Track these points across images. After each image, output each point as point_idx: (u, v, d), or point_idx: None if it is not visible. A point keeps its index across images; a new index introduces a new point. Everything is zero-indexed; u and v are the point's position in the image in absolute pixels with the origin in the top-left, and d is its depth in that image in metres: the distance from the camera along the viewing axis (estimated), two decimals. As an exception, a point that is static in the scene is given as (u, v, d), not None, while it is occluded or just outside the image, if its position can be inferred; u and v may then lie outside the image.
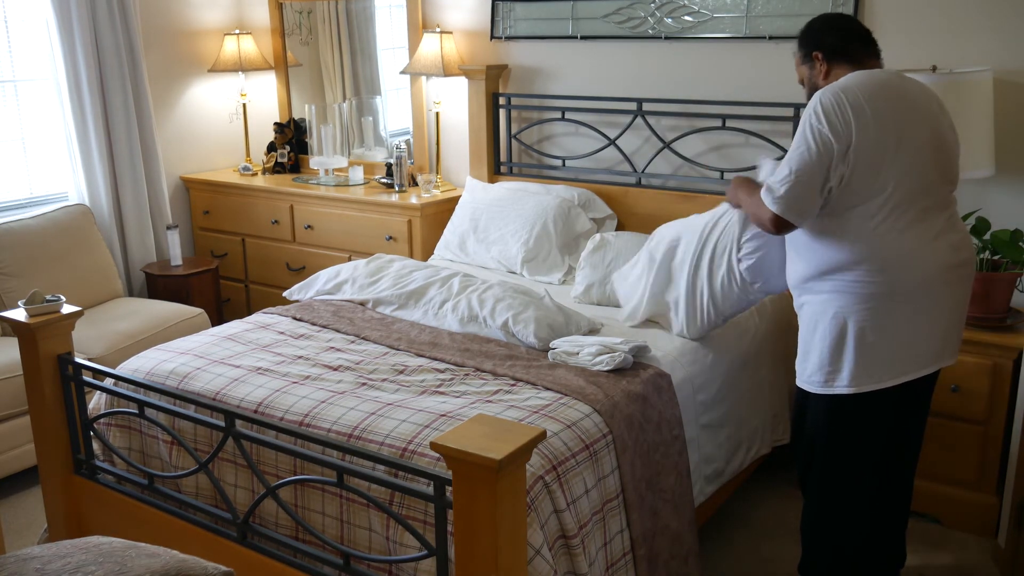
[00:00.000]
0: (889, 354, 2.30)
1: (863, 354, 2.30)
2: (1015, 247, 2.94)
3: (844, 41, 2.41)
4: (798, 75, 2.56)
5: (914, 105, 2.30)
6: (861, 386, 2.32)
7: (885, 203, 2.25)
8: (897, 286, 2.25)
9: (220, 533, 2.42)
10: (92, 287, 4.08)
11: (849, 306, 2.29)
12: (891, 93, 2.28)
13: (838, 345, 2.32)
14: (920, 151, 2.27)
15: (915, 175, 2.26)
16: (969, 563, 2.91)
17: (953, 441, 3.04)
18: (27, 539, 3.10)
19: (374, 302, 3.27)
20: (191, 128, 4.94)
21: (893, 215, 2.25)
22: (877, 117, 2.23)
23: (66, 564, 1.69)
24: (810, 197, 2.26)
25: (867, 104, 2.23)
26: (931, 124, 2.31)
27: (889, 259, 2.25)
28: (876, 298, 2.26)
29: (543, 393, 2.49)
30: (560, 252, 3.71)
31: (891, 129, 2.24)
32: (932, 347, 2.34)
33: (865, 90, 2.25)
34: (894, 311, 2.27)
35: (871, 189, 2.24)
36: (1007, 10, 3.09)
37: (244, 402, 2.52)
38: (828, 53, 2.42)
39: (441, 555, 1.97)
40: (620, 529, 2.37)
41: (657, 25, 3.77)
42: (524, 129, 4.22)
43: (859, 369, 2.31)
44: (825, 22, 2.48)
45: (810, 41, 2.47)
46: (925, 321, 2.31)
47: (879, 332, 2.28)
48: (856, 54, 2.40)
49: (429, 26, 4.38)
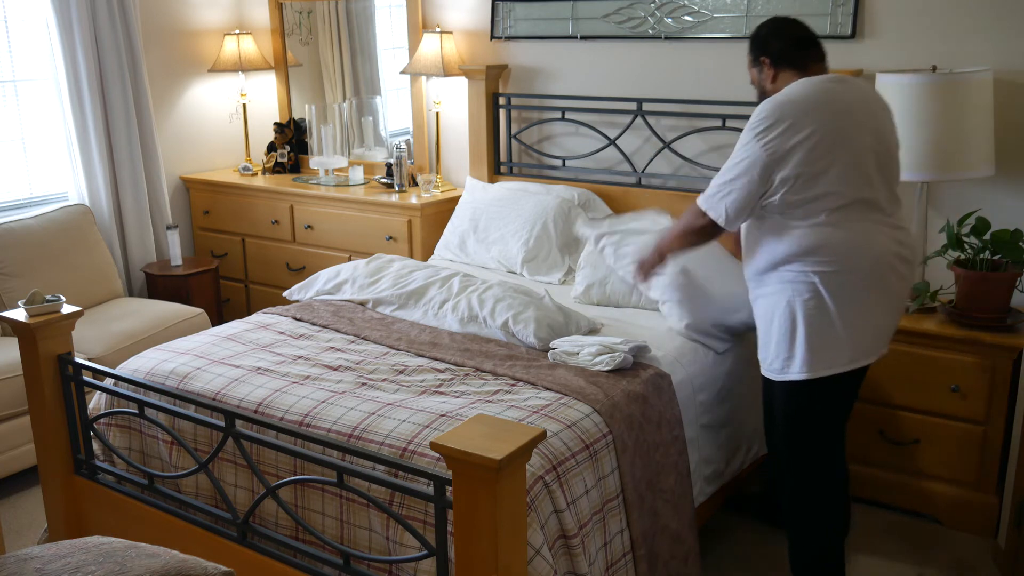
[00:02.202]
0: (840, 341, 2.40)
1: (815, 341, 2.41)
2: (1015, 247, 2.94)
3: (790, 47, 2.52)
4: (750, 77, 2.66)
5: (853, 110, 2.41)
6: (815, 372, 2.43)
7: (829, 203, 2.36)
8: (845, 275, 2.37)
9: (220, 533, 2.42)
10: (92, 287, 4.08)
11: (800, 295, 2.40)
12: (831, 100, 2.39)
13: (791, 333, 2.43)
14: (861, 154, 2.38)
15: (856, 177, 2.37)
16: (969, 563, 2.91)
17: (953, 441, 3.04)
18: (27, 539, 3.10)
19: (374, 302, 3.27)
20: (191, 128, 4.94)
21: (837, 213, 2.36)
22: (816, 126, 2.33)
23: (66, 564, 1.69)
24: (747, 204, 2.42)
25: (806, 115, 2.34)
26: (872, 127, 2.43)
27: (837, 249, 2.36)
28: (829, 287, 2.37)
29: (543, 393, 2.49)
30: (560, 252, 3.71)
31: (830, 136, 2.34)
32: (881, 335, 2.48)
33: (805, 101, 2.37)
34: (846, 298, 2.38)
35: (813, 192, 2.35)
36: (1007, 10, 3.09)
37: (244, 402, 2.52)
38: (775, 59, 2.53)
39: (441, 555, 1.98)
40: (620, 529, 2.37)
41: (657, 25, 3.77)
42: (524, 129, 4.22)
43: (812, 355, 2.42)
44: (772, 28, 2.58)
45: (758, 46, 2.57)
46: (875, 309, 2.42)
47: (829, 319, 2.39)
48: (801, 60, 2.50)
49: (429, 26, 4.38)
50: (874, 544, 3.02)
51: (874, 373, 3.12)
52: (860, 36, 3.35)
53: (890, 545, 3.01)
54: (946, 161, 3.00)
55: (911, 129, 3.00)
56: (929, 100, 2.98)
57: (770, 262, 2.45)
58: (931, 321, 3.08)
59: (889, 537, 3.06)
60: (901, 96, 3.02)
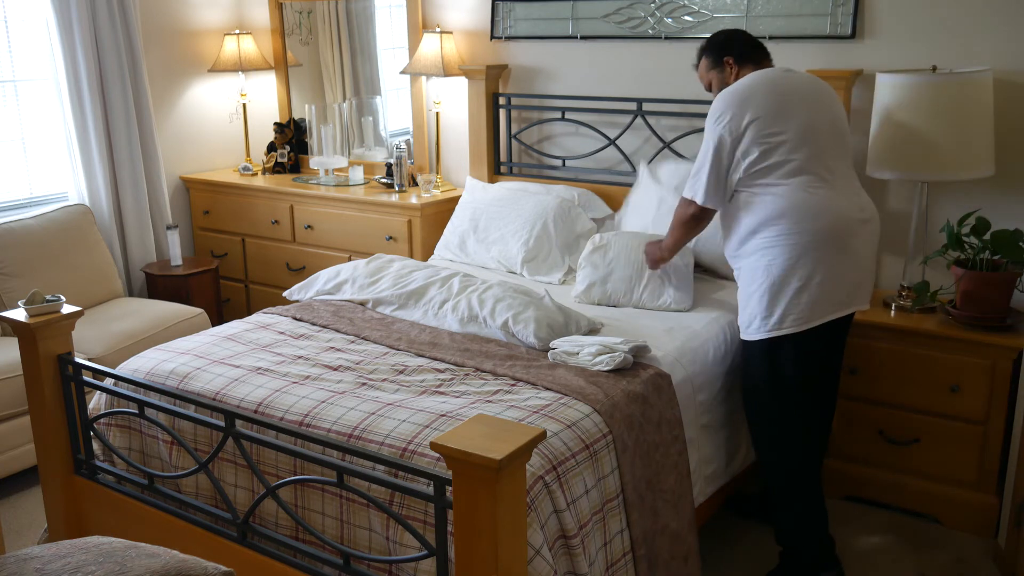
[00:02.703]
0: (814, 296, 2.61)
1: (793, 297, 2.62)
2: (1015, 247, 2.94)
3: (747, 48, 2.90)
4: (704, 80, 3.00)
5: (798, 91, 2.73)
6: (795, 326, 2.63)
7: (787, 171, 2.63)
8: (815, 235, 2.59)
9: (220, 533, 2.42)
10: (92, 287, 4.08)
11: (777, 256, 2.62)
12: (775, 83, 2.72)
13: (772, 292, 2.64)
14: (809, 128, 2.65)
15: (807, 146, 2.64)
16: (969, 563, 2.91)
17: (953, 441, 3.04)
18: (27, 539, 3.10)
19: (374, 302, 3.27)
20: (191, 128, 4.94)
21: (796, 181, 2.63)
22: (763, 104, 2.65)
23: (66, 564, 1.69)
24: (718, 181, 2.71)
25: (754, 96, 2.67)
26: (816, 105, 2.71)
27: (804, 212, 2.60)
28: (799, 247, 2.60)
29: (543, 393, 2.49)
30: (560, 252, 3.70)
31: (776, 111, 2.65)
32: (849, 291, 2.67)
33: (753, 86, 2.71)
34: (818, 256, 2.60)
35: (771, 162, 2.64)
36: (1007, 10, 3.09)
37: (244, 402, 2.52)
38: (737, 58, 2.89)
39: (441, 555, 1.97)
40: (620, 529, 2.37)
41: (657, 25, 3.77)
42: (524, 129, 4.22)
43: (790, 311, 2.63)
44: (728, 35, 2.96)
45: (721, 49, 2.92)
46: (846, 263, 2.64)
47: (804, 277, 2.60)
48: (757, 57, 2.88)
49: (429, 26, 4.38)
50: (874, 544, 3.02)
51: (874, 373, 3.13)
52: (860, 36, 3.35)
53: (890, 545, 3.01)
54: (946, 161, 3.00)
55: (911, 129, 3.00)
56: (929, 100, 2.97)
57: (744, 234, 2.70)
58: (931, 321, 3.08)
59: (889, 537, 3.06)
60: (901, 96, 3.02)
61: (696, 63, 3.03)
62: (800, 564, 2.80)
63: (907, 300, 3.20)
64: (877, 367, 3.12)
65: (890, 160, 3.08)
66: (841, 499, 3.26)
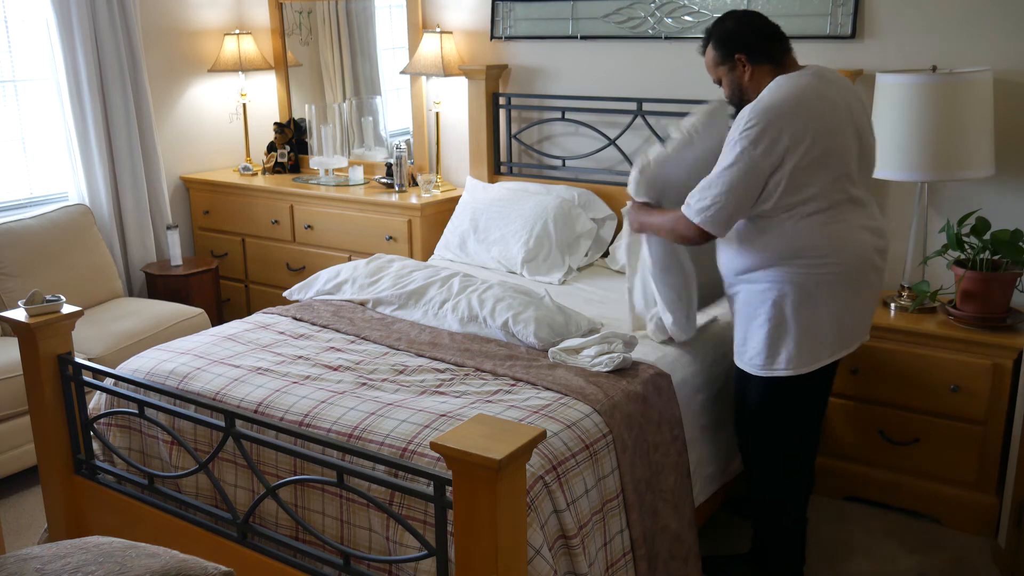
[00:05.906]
0: (825, 335, 2.44)
1: (802, 338, 2.43)
2: (1015, 247, 2.94)
3: (764, 41, 2.46)
4: (713, 75, 2.58)
5: (838, 108, 2.38)
6: (800, 368, 2.46)
7: (818, 202, 2.36)
8: (834, 275, 2.39)
9: (220, 533, 2.42)
10: (92, 287, 4.08)
11: (789, 293, 2.41)
12: (817, 100, 2.35)
13: (778, 331, 2.45)
14: (846, 154, 2.38)
15: (842, 174, 2.38)
16: (969, 563, 2.91)
17: (953, 441, 3.04)
18: (27, 539, 3.10)
19: (374, 302, 3.27)
20: (191, 128, 4.94)
21: (823, 214, 2.37)
22: (807, 131, 2.30)
23: (66, 564, 1.69)
24: (739, 212, 2.39)
25: (797, 119, 2.31)
26: (853, 124, 2.42)
27: (823, 249, 2.38)
28: (812, 286, 2.40)
29: (543, 393, 2.49)
30: (560, 252, 3.70)
31: (820, 141, 2.32)
32: (862, 326, 2.53)
33: (795, 104, 2.33)
34: (832, 295, 2.41)
35: (802, 196, 2.35)
36: (1007, 10, 3.09)
37: (244, 402, 2.52)
38: (751, 55, 2.45)
39: (441, 555, 1.98)
40: (620, 529, 2.37)
41: (657, 25, 3.77)
42: (524, 129, 4.22)
43: (798, 352, 2.45)
44: (741, 22, 2.49)
45: (730, 43, 2.48)
46: (857, 302, 2.47)
47: (817, 316, 2.42)
48: (776, 53, 2.46)
49: (429, 26, 4.38)
50: (874, 544, 3.02)
51: (874, 373, 3.13)
52: (860, 36, 3.35)
53: (890, 545, 3.01)
54: (946, 161, 3.00)
55: (911, 129, 3.00)
56: (929, 100, 2.97)
57: (755, 261, 2.45)
58: (931, 321, 3.08)
59: (889, 537, 3.05)
60: (901, 96, 3.02)
61: (702, 50, 2.60)
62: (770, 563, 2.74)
63: (907, 300, 3.20)
64: (877, 367, 3.12)
65: (890, 160, 3.07)
66: (841, 499, 3.26)
